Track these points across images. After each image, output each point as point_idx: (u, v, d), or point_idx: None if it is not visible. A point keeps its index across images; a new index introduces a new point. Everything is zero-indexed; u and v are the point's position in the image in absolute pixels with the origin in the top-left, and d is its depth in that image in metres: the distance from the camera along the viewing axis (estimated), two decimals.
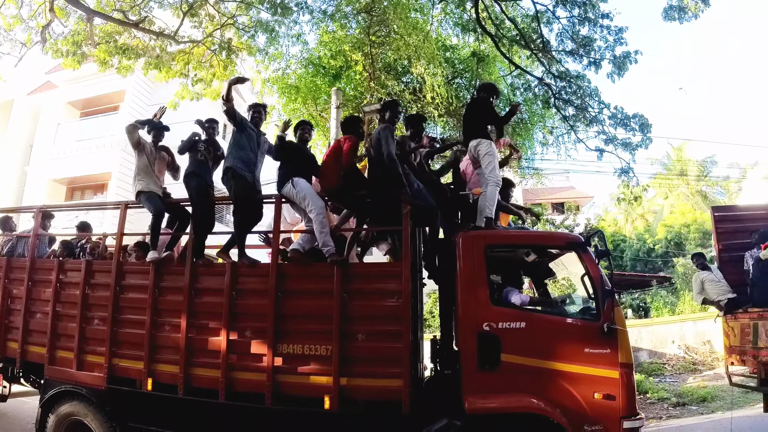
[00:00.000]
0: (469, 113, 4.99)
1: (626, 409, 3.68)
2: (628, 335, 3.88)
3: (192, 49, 9.65)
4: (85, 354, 4.88)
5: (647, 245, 25.03)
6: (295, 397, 3.98)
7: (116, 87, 13.85)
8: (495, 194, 4.46)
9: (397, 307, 3.79)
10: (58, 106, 15.53)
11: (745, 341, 6.20)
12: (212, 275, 4.46)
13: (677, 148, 27.49)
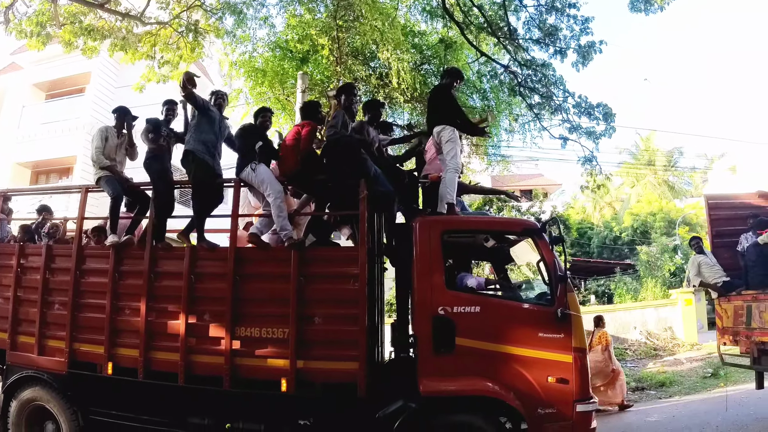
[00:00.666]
0: (432, 99, 5.04)
1: (579, 392, 3.79)
2: (581, 320, 3.97)
3: (159, 31, 9.40)
4: (47, 339, 4.83)
5: (614, 233, 25.73)
6: (254, 380, 4.03)
7: (82, 69, 13.39)
8: (454, 180, 4.53)
9: (354, 291, 3.84)
10: (23, 88, 14.96)
11: (739, 322, 6.45)
12: (172, 259, 4.47)
13: (645, 138, 28.15)
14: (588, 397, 3.86)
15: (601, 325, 8.03)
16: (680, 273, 16.01)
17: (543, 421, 3.74)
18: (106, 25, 9.08)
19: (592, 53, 7.59)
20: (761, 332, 5.98)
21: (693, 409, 7.41)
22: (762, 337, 5.99)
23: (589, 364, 3.99)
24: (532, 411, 3.74)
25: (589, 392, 3.90)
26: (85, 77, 14.08)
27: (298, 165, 4.17)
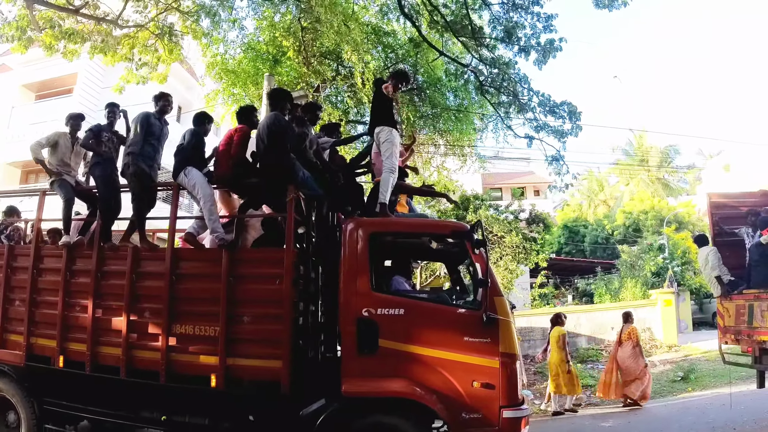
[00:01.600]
0: (373, 101, 5.17)
1: (507, 398, 3.76)
2: (510, 325, 3.97)
3: (137, 33, 9.65)
4: (8, 333, 5.10)
5: (606, 231, 25.79)
6: (187, 376, 4.20)
7: (69, 70, 13.68)
8: (389, 181, 4.61)
9: (279, 291, 3.98)
10: (12, 88, 15.34)
11: (740, 321, 6.50)
12: (116, 259, 4.66)
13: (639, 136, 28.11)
14: (516, 403, 3.83)
15: (630, 320, 8.15)
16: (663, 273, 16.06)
17: (467, 426, 3.74)
18: (85, 28, 9.31)
19: (552, 51, 7.67)
20: (763, 331, 6.06)
21: (652, 414, 7.43)
22: (764, 336, 6.07)
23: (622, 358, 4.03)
24: (456, 415, 3.73)
25: (518, 398, 3.87)
26: (72, 78, 14.41)
27: (230, 170, 4.39)
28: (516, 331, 4.25)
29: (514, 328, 4.03)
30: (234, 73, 9.74)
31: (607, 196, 32.50)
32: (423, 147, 11.92)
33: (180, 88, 16.15)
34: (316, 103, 5.48)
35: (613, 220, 26.63)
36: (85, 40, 9.09)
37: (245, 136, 4.44)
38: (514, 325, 4.04)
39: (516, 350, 3.96)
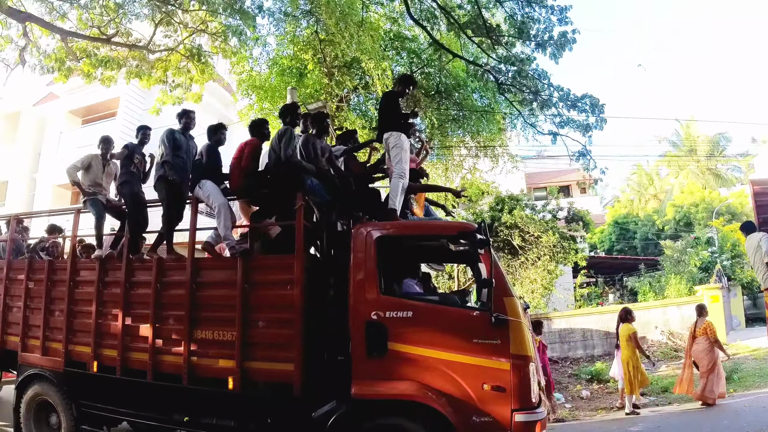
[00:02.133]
0: (382, 106, 5.25)
1: (519, 401, 3.68)
2: (521, 326, 3.87)
3: (168, 57, 10.19)
4: (49, 341, 5.52)
5: (656, 226, 24.75)
6: (208, 378, 4.42)
7: (112, 94, 14.62)
8: (398, 186, 4.70)
9: (290, 297, 4.14)
10: (60, 115, 16.54)
11: None
12: (143, 270, 4.99)
13: (685, 125, 26.80)
14: (530, 406, 3.73)
15: (704, 314, 7.86)
16: (711, 267, 15.23)
17: (478, 429, 3.69)
18: (120, 54, 9.94)
19: (566, 44, 7.50)
20: None
21: (684, 417, 7.11)
22: None
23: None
24: (466, 418, 3.69)
25: (531, 401, 3.75)
26: (115, 102, 15.39)
27: (241, 181, 4.60)
28: (531, 332, 4.18)
29: (526, 330, 3.93)
30: (262, 88, 10.13)
31: (657, 189, 31.20)
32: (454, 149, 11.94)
33: (218, 105, 16.90)
34: (324, 114, 5.65)
35: (663, 214, 25.51)
36: (120, 66, 9.68)
37: (255, 149, 4.66)
38: (526, 327, 3.95)
39: (529, 352, 3.86)
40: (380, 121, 5.26)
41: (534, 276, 12.18)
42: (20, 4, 8.76)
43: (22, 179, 17.67)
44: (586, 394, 9.29)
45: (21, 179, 17.65)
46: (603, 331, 12.00)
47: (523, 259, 12.43)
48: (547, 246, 12.01)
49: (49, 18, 8.37)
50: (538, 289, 12.31)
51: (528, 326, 4.16)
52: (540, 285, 12.21)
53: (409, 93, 5.42)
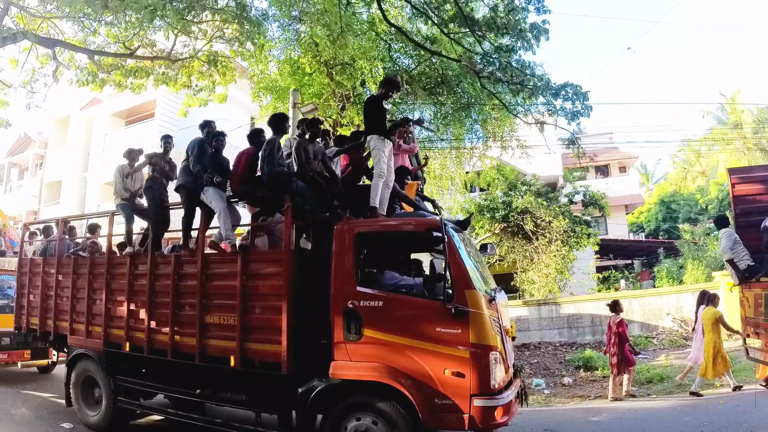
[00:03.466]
0: (365, 110, 5.65)
1: (478, 387, 3.98)
2: (482, 317, 4.11)
3: (191, 63, 11.12)
4: (91, 326, 6.52)
5: (699, 205, 23.81)
6: (215, 357, 5.15)
7: (149, 97, 15.90)
8: (378, 185, 5.13)
9: (279, 286, 4.78)
10: (104, 117, 18.10)
11: (758, 312, 6.01)
12: (164, 263, 5.82)
13: (730, 98, 25.30)
14: (488, 392, 4.01)
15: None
16: None
17: (439, 411, 4.03)
18: (147, 64, 10.98)
19: (541, 33, 7.66)
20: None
21: (652, 409, 7.03)
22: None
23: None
24: (429, 400, 4.04)
25: (490, 387, 4.02)
26: (152, 104, 16.67)
27: (239, 186, 5.31)
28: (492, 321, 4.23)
29: (487, 320, 4.15)
30: (273, 89, 10.83)
31: (704, 167, 29.81)
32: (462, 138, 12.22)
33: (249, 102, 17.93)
34: (316, 119, 6.17)
35: (707, 193, 24.45)
36: (148, 74, 10.72)
37: (250, 157, 5.31)
38: (487, 317, 4.16)
39: (489, 341, 4.10)
40: (365, 124, 5.72)
41: (548, 261, 12.37)
42: (53, 25, 9.87)
43: (73, 178, 19.53)
44: (569, 381, 9.40)
45: (73, 178, 19.51)
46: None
47: (537, 244, 12.63)
48: (558, 231, 12.13)
49: (83, 34, 9.37)
50: (552, 274, 12.49)
51: (496, 316, 4.34)
52: (554, 269, 12.39)
53: (393, 95, 5.82)
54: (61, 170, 21.18)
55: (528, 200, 12.50)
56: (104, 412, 6.17)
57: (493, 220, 13.59)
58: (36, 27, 10.09)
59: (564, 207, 13.12)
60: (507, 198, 13.20)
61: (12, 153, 27.43)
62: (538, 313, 12.46)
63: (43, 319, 7.37)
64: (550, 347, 11.81)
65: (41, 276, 7.51)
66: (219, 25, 10.07)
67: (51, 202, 22.23)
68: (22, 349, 9.16)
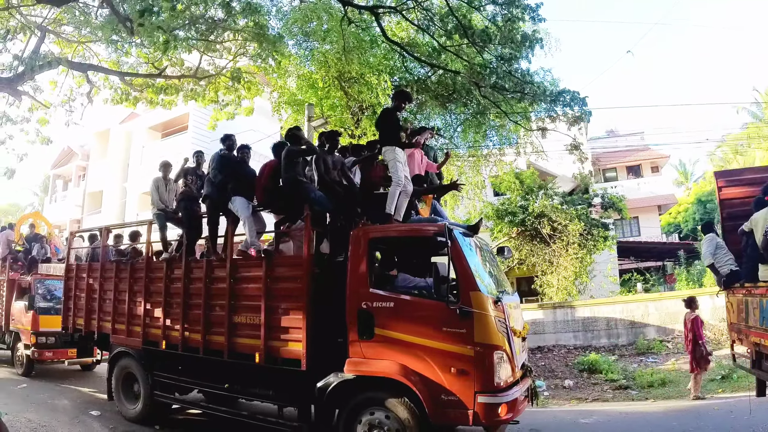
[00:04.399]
0: (378, 122, 5.98)
1: (482, 384, 4.16)
2: (486, 317, 4.30)
3: (217, 79, 11.75)
4: (131, 325, 7.09)
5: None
6: (242, 354, 5.59)
7: (182, 111, 16.81)
8: (395, 193, 5.44)
9: (299, 289, 5.16)
10: (142, 131, 19.20)
11: (740, 318, 5.96)
12: (197, 268, 6.32)
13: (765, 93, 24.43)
14: (492, 389, 4.17)
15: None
16: None
17: (445, 407, 4.24)
18: (176, 81, 11.71)
19: (534, 42, 7.86)
20: (755, 332, 5.38)
21: (640, 415, 6.98)
22: (755, 337, 5.39)
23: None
24: (436, 396, 4.24)
25: (493, 385, 4.18)
26: (186, 117, 17.61)
27: (262, 196, 5.78)
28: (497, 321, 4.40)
29: (492, 320, 4.34)
30: (291, 103, 11.40)
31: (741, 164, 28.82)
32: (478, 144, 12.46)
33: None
34: (335, 131, 6.53)
35: None
36: (177, 90, 11.43)
37: (273, 169, 5.78)
38: (491, 318, 4.34)
39: (493, 341, 4.28)
40: (379, 136, 6.04)
41: (565, 264, 12.41)
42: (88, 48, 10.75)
43: (114, 188, 20.74)
44: (569, 384, 9.40)
45: (113, 188, 20.73)
46: (628, 320, 11.94)
47: (555, 247, 12.68)
48: (574, 234, 12.16)
49: (116, 55, 10.17)
50: (570, 277, 12.53)
51: (502, 317, 4.50)
52: (572, 272, 12.42)
53: (405, 106, 6.09)
54: (102, 181, 22.56)
55: (543, 204, 12.60)
56: (142, 405, 6.73)
57: (511, 224, 13.75)
58: (72, 50, 11.06)
59: (580, 210, 13.16)
60: (525, 202, 13.33)
61: (56, 165, 29.28)
62: (554, 316, 12.54)
63: (87, 319, 8.03)
64: (563, 350, 11.84)
65: (86, 280, 8.19)
66: (241, 42, 10.70)
67: (93, 211, 23.64)
68: (67, 348, 9.98)
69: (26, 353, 10.17)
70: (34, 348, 9.94)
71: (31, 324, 10.06)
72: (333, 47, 9.12)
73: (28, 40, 9.94)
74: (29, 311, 10.16)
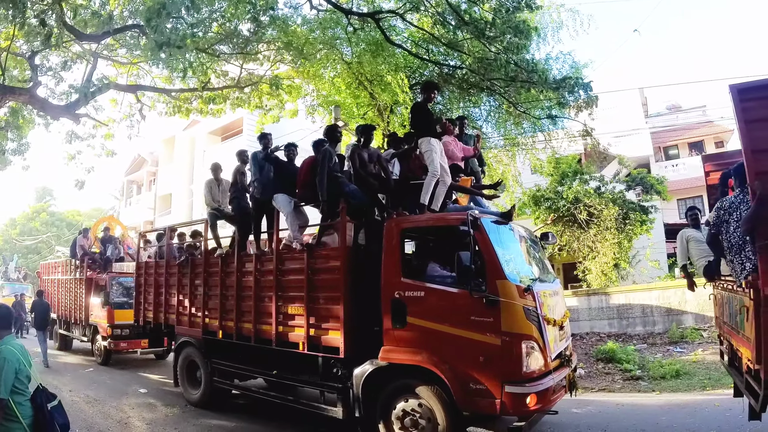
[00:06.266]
0: (411, 117, 6.12)
1: (509, 374, 4.17)
2: (513, 306, 4.28)
3: (259, 86, 12.35)
4: (193, 317, 7.68)
5: None
6: (288, 342, 5.92)
7: (237, 115, 17.77)
8: (430, 183, 5.57)
9: (337, 279, 5.38)
10: (203, 135, 20.45)
11: (719, 313, 5.74)
12: (248, 262, 6.73)
13: None
14: (519, 379, 4.16)
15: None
16: None
17: (474, 396, 4.28)
18: (223, 91, 12.45)
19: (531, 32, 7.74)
20: (728, 329, 5.06)
21: (629, 407, 6.76)
22: (728, 335, 5.08)
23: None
24: (465, 384, 4.29)
25: (521, 375, 4.16)
26: (240, 122, 18.57)
27: (302, 191, 6.07)
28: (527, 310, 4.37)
29: (519, 309, 4.32)
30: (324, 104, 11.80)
31: None
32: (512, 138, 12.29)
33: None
34: (369, 125, 6.63)
35: None
36: (224, 99, 12.21)
37: (310, 166, 6.04)
38: (519, 306, 4.33)
39: (521, 329, 4.27)
40: (413, 129, 6.16)
41: (603, 249, 11.91)
42: (140, 67, 11.69)
43: (182, 190, 22.27)
44: (581, 373, 8.95)
45: (181, 190, 22.26)
46: (664, 308, 11.28)
47: (592, 233, 12.21)
48: (609, 219, 11.62)
49: (168, 71, 10.98)
50: (609, 262, 12.01)
51: (532, 305, 4.45)
52: (611, 258, 11.90)
53: (434, 97, 6.07)
54: (170, 184, 24.34)
55: (576, 189, 12.12)
56: (203, 390, 7.34)
57: (548, 210, 13.39)
58: (127, 70, 12.21)
59: (617, 194, 12.55)
60: (561, 187, 12.91)
61: (129, 172, 31.94)
62: (588, 303, 12.13)
63: (156, 312, 8.78)
64: (595, 338, 11.39)
65: (153, 276, 8.98)
66: (277, 51, 11.18)
67: (164, 212, 25.56)
68: (140, 339, 11.00)
69: (103, 344, 11.38)
70: (110, 339, 11.09)
71: (107, 318, 11.19)
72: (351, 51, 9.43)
73: (86, 67, 11.03)
74: (105, 306, 11.29)
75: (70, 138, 11.92)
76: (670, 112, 27.80)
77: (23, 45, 10.03)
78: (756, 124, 3.68)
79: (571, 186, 12.55)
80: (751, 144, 3.67)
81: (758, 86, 3.83)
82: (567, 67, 9.95)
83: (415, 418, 4.69)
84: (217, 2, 8.12)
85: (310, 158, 6.17)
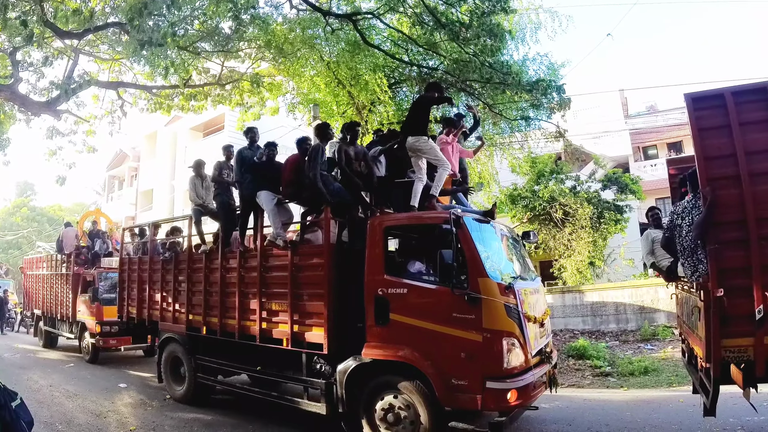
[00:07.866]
0: (413, 108, 6.04)
1: (490, 370, 4.21)
2: (494, 304, 4.33)
3: (240, 83, 12.27)
4: (177, 313, 7.61)
5: None
6: (271, 339, 5.92)
7: (218, 112, 17.54)
8: (419, 189, 5.63)
9: (321, 276, 5.39)
10: (185, 131, 20.18)
11: (681, 312, 5.86)
12: (232, 258, 6.69)
13: None
14: (500, 375, 4.21)
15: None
16: None
17: (455, 391, 4.32)
18: (205, 88, 12.34)
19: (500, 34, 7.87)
20: (687, 329, 5.13)
21: (604, 404, 6.84)
22: (686, 334, 5.17)
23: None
24: (447, 380, 4.32)
25: (502, 371, 4.22)
26: (222, 118, 18.38)
27: (286, 189, 6.07)
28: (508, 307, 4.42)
29: (501, 306, 4.37)
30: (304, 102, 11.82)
31: None
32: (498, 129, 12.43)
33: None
34: (354, 122, 6.62)
35: None
36: (205, 96, 12.14)
37: (294, 164, 6.05)
38: (501, 303, 4.38)
39: (501, 326, 4.31)
40: (407, 120, 6.04)
41: (578, 248, 12.21)
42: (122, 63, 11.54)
43: (163, 186, 21.94)
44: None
45: (163, 186, 21.93)
46: (637, 306, 11.58)
47: (567, 231, 12.49)
48: (584, 218, 11.91)
49: (149, 68, 10.84)
50: (584, 260, 12.31)
51: (513, 303, 4.48)
52: (586, 256, 12.19)
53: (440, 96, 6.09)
54: (152, 180, 23.94)
55: (552, 189, 12.39)
56: (187, 386, 7.28)
57: (525, 209, 13.62)
58: (109, 67, 12.00)
59: (592, 194, 12.86)
60: (537, 186, 13.18)
61: (111, 167, 31.27)
62: (563, 300, 12.37)
63: (139, 308, 8.68)
64: (569, 335, 11.58)
65: (137, 272, 8.87)
66: (258, 48, 11.12)
67: (145, 208, 25.13)
68: (129, 335, 10.82)
69: (91, 341, 11.11)
70: (99, 336, 10.84)
71: (96, 314, 10.95)
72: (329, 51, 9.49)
73: (67, 63, 10.83)
74: (93, 303, 11.06)
75: (51, 134, 11.70)
76: (649, 112, 28.33)
77: (5, 41, 9.78)
78: (708, 132, 3.81)
79: (547, 185, 12.77)
80: (704, 151, 3.80)
81: (711, 95, 3.95)
82: (544, 68, 10.14)
83: (397, 414, 4.74)
84: (198, 0, 8.05)
85: (294, 156, 6.17)
